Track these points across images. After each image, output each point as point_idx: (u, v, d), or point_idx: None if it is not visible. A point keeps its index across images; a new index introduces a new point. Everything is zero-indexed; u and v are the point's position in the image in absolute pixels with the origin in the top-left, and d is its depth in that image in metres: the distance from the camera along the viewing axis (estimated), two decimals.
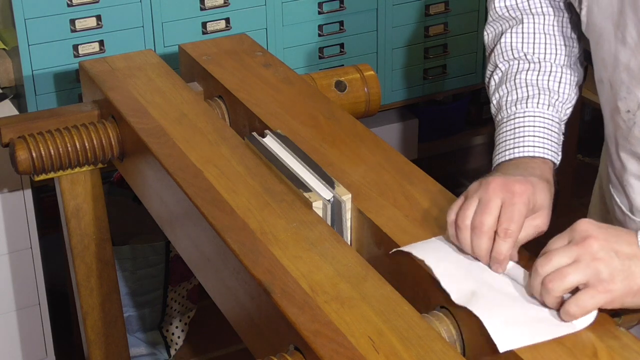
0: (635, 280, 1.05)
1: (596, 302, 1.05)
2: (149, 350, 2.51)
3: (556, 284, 1.05)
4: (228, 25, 2.34)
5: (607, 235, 1.07)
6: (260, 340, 1.18)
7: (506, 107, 1.30)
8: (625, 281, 1.05)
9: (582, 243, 1.06)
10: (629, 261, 1.06)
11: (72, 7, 2.17)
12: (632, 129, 1.25)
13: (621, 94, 1.24)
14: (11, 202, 2.10)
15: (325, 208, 1.30)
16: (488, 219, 1.13)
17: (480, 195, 1.15)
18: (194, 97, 1.63)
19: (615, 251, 1.06)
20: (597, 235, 1.07)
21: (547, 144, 1.26)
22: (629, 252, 1.06)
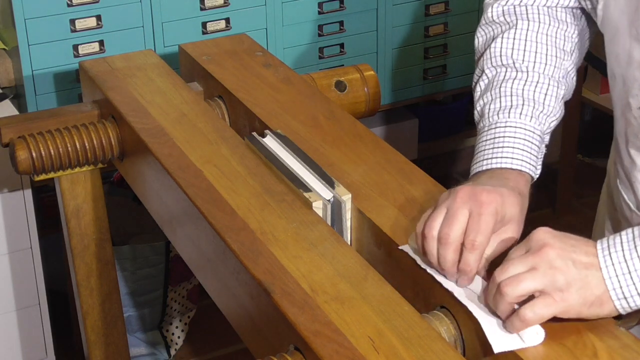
0: (592, 290, 1.05)
1: (551, 311, 1.04)
2: (149, 350, 2.51)
3: (510, 289, 1.04)
4: (228, 25, 2.34)
5: (564, 244, 1.06)
6: (260, 340, 1.18)
7: (488, 116, 1.27)
8: (581, 291, 1.04)
9: (539, 252, 1.05)
10: (585, 271, 1.05)
11: (72, 7, 2.17)
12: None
13: (633, 91, 1.22)
14: (11, 202, 2.10)
15: (325, 208, 1.30)
16: (454, 230, 1.11)
17: (448, 205, 1.13)
18: (194, 97, 1.63)
19: (573, 260, 1.05)
20: (554, 244, 1.06)
21: (525, 156, 1.23)
22: (587, 262, 1.05)
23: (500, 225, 1.13)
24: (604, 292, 1.05)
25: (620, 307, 1.06)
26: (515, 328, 1.05)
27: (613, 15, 1.22)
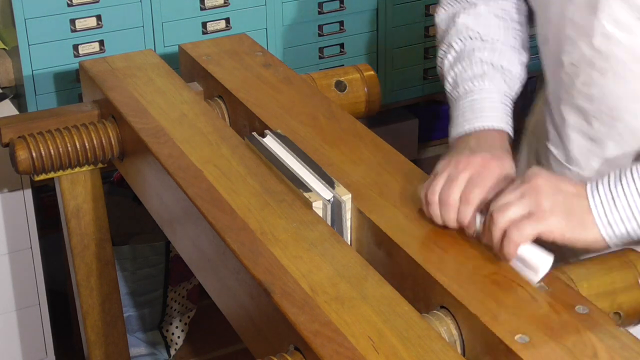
0: (576, 215, 1.12)
1: (536, 230, 1.11)
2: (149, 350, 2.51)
3: (500, 215, 1.13)
4: (228, 25, 2.34)
5: (552, 176, 1.15)
6: (260, 340, 1.18)
7: (463, 84, 1.37)
8: (565, 214, 1.12)
9: (529, 182, 1.14)
10: (572, 198, 1.13)
11: (72, 7, 2.17)
12: (575, 81, 1.31)
13: (566, 48, 1.31)
14: (11, 202, 2.10)
15: (325, 208, 1.30)
16: (454, 192, 1.20)
17: (449, 172, 1.22)
18: (194, 97, 1.63)
19: (559, 188, 1.13)
20: (543, 175, 1.15)
21: (503, 117, 1.33)
22: (573, 191, 1.14)
23: (504, 184, 1.21)
24: (589, 217, 1.12)
25: (605, 234, 1.13)
26: (507, 252, 1.13)
27: None
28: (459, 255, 1.19)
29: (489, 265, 1.17)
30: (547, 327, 1.06)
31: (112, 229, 1.77)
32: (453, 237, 1.23)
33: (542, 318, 1.08)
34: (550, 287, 1.13)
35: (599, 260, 1.22)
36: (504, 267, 1.16)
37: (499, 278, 1.15)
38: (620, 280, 1.19)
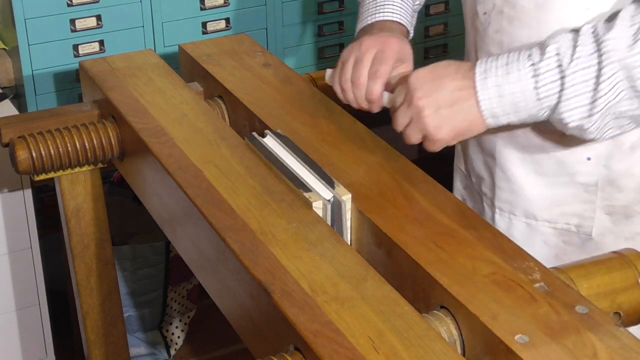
0: (461, 122, 1.25)
1: (435, 148, 1.28)
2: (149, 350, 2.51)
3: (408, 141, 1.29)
4: (228, 25, 2.34)
5: (432, 88, 1.25)
6: (260, 340, 1.18)
7: None
8: (450, 127, 1.25)
9: (411, 103, 1.26)
10: (452, 107, 1.24)
11: (72, 7, 2.17)
12: (487, 29, 1.41)
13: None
14: (11, 202, 2.10)
15: (325, 208, 1.30)
16: (363, 72, 1.32)
17: (356, 55, 1.34)
18: (194, 97, 1.63)
19: (440, 102, 1.24)
20: (424, 90, 1.25)
21: (402, 12, 1.47)
22: (454, 98, 1.24)
23: (399, 63, 1.35)
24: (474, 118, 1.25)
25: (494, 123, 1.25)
26: None
27: None
28: (459, 255, 1.19)
29: (489, 265, 1.17)
30: (547, 327, 1.06)
31: (112, 229, 1.77)
32: (453, 237, 1.23)
33: (542, 318, 1.08)
34: (550, 287, 1.13)
35: (599, 260, 1.23)
36: (504, 267, 1.17)
37: (499, 278, 1.15)
38: (620, 280, 1.19)
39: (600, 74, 1.17)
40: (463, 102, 1.25)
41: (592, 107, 1.19)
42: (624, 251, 1.23)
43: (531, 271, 1.16)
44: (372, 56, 1.34)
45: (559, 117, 1.21)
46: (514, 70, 1.22)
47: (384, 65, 1.33)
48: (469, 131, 1.27)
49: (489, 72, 1.23)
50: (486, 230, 1.25)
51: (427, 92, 1.25)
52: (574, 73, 1.19)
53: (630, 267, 1.20)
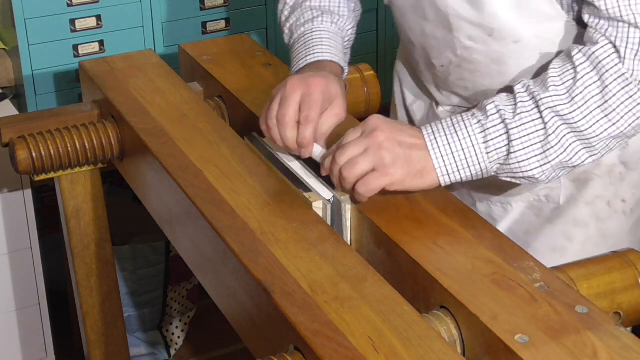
0: (415, 165, 1.25)
1: (380, 184, 1.24)
2: (149, 350, 2.51)
3: (348, 172, 1.24)
4: (228, 25, 2.34)
5: (393, 129, 1.26)
6: (260, 340, 1.18)
7: (297, 30, 1.50)
8: (405, 166, 1.24)
9: (371, 135, 1.25)
10: (409, 150, 1.25)
11: (72, 7, 2.17)
12: (449, 78, 1.46)
13: (433, 54, 1.45)
14: (11, 202, 2.10)
15: (325, 208, 1.30)
16: (289, 111, 1.31)
17: (282, 94, 1.34)
18: (194, 97, 1.63)
19: (399, 142, 1.25)
20: (384, 128, 1.25)
21: (332, 50, 1.46)
22: (411, 143, 1.25)
23: (328, 104, 1.34)
24: (427, 166, 1.25)
25: (443, 181, 1.27)
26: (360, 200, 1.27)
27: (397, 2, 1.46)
28: (459, 255, 1.19)
29: (489, 265, 1.17)
30: (547, 327, 1.06)
31: (112, 229, 1.77)
32: (453, 237, 1.23)
33: (542, 318, 1.08)
34: (550, 287, 1.13)
35: (599, 260, 1.23)
36: (504, 267, 1.17)
37: (499, 278, 1.15)
38: (620, 280, 1.20)
39: (546, 127, 1.24)
40: (419, 150, 1.26)
41: (543, 159, 1.25)
42: (623, 251, 1.23)
43: (531, 271, 1.16)
44: (298, 96, 1.32)
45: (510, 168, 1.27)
46: (461, 129, 1.26)
47: (314, 110, 1.31)
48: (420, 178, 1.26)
49: (437, 133, 1.26)
50: (486, 230, 1.25)
51: (388, 130, 1.26)
52: (520, 126, 1.24)
53: (630, 267, 1.20)
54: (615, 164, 1.45)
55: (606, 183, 1.46)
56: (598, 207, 1.47)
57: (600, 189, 1.46)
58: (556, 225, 1.48)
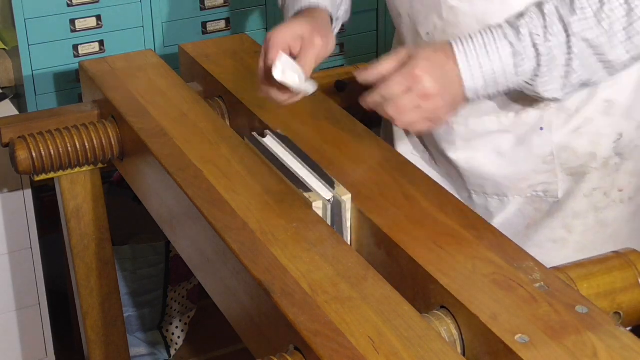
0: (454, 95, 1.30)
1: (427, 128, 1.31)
2: (149, 350, 2.51)
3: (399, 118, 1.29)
4: (228, 25, 2.34)
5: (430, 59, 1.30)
6: (260, 340, 1.18)
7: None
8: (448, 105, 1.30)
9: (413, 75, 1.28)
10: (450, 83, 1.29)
11: (72, 7, 2.17)
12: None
13: (419, 20, 1.46)
14: (11, 202, 2.10)
15: (325, 208, 1.30)
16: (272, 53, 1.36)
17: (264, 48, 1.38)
18: (194, 97, 1.63)
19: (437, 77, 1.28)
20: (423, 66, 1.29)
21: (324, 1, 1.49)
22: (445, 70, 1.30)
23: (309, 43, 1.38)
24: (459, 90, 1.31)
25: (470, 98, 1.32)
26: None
27: None
28: (459, 255, 1.19)
29: (489, 265, 1.17)
30: (547, 327, 1.06)
31: (112, 229, 1.77)
32: (453, 237, 1.23)
33: (542, 318, 1.08)
34: (550, 287, 1.13)
35: (599, 260, 1.23)
36: (504, 267, 1.17)
37: (499, 278, 1.15)
38: (620, 280, 1.20)
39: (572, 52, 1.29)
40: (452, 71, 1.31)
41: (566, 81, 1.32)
42: (624, 251, 1.23)
43: (531, 271, 1.16)
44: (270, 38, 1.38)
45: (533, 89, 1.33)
46: (493, 51, 1.30)
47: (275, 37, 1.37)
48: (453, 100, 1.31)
49: (469, 53, 1.30)
50: (486, 230, 1.25)
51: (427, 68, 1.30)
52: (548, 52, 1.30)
53: (630, 267, 1.20)
54: (610, 156, 1.46)
55: (603, 175, 1.47)
56: (596, 198, 1.48)
57: (597, 181, 1.47)
58: (556, 219, 1.49)
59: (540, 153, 1.46)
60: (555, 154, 1.45)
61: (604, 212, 1.49)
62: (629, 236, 1.52)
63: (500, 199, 1.52)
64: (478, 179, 1.51)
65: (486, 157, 1.49)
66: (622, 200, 1.50)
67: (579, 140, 1.45)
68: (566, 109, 1.43)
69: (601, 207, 1.49)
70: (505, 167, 1.48)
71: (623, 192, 1.49)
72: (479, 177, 1.51)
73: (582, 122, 1.44)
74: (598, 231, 1.49)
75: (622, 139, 1.45)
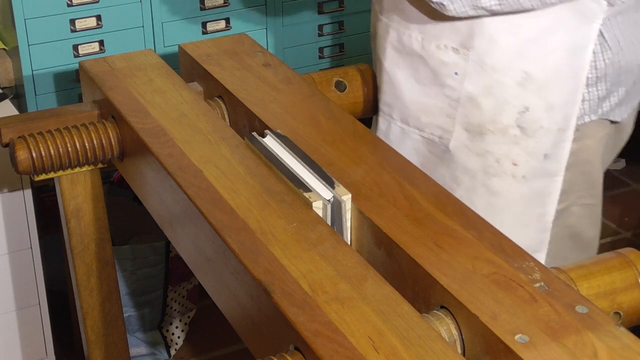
0: None
1: None
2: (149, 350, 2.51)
3: None
4: (228, 25, 2.34)
5: None
6: (260, 340, 1.18)
7: None
8: None
9: None
10: None
11: (72, 7, 2.17)
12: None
13: None
14: (11, 202, 2.10)
15: (325, 208, 1.30)
16: None
17: None
18: (194, 97, 1.63)
19: None
20: None
21: None
22: None
23: None
24: None
25: None
26: None
27: None
28: (459, 255, 1.19)
29: (489, 265, 1.17)
30: (547, 327, 1.06)
31: (112, 229, 1.77)
32: (453, 237, 1.23)
33: (542, 318, 1.08)
34: (550, 287, 1.13)
35: (599, 260, 1.23)
36: (504, 267, 1.17)
37: (499, 278, 1.15)
38: (620, 280, 1.20)
39: None
40: None
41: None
42: (624, 251, 1.23)
43: (531, 271, 1.16)
44: None
45: None
46: None
47: None
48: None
49: None
50: (486, 230, 1.25)
51: None
52: None
53: (630, 267, 1.20)
54: (511, 125, 1.48)
55: (498, 141, 1.50)
56: (487, 161, 1.52)
57: (492, 145, 1.50)
58: (447, 168, 1.54)
59: (449, 95, 1.51)
60: (461, 103, 1.50)
61: (492, 179, 1.52)
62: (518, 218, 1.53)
63: (402, 127, 1.59)
64: (391, 96, 1.59)
65: (406, 79, 1.56)
66: (514, 175, 1.51)
67: (487, 99, 1.49)
68: (482, 63, 1.47)
69: (491, 173, 1.52)
70: (417, 92, 1.54)
71: (517, 167, 1.50)
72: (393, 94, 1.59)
73: (495, 83, 1.47)
74: (483, 194, 1.53)
75: (527, 112, 1.47)
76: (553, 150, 1.50)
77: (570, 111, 1.48)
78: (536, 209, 1.54)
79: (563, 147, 1.50)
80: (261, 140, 1.44)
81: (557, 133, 1.49)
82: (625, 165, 3.47)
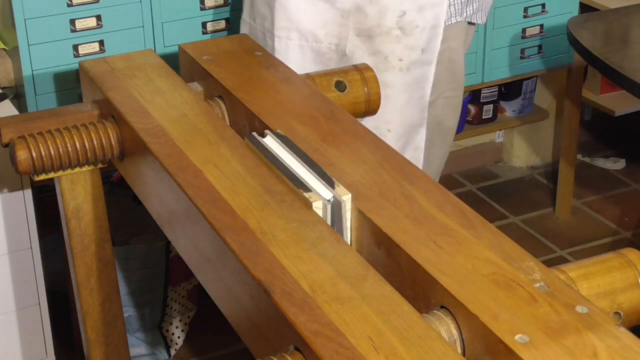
0: None
1: None
2: (149, 350, 2.51)
3: None
4: (228, 25, 2.34)
5: None
6: (260, 340, 1.18)
7: None
8: None
9: None
10: None
11: (72, 7, 2.17)
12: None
13: None
14: (11, 202, 2.10)
15: (325, 208, 1.30)
16: None
17: None
18: (194, 97, 1.63)
19: None
20: None
21: None
22: None
23: None
24: None
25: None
26: None
27: None
28: (459, 255, 1.19)
29: (489, 265, 1.17)
30: (547, 327, 1.06)
31: (112, 229, 1.77)
32: (453, 237, 1.23)
33: (542, 318, 1.08)
34: (550, 287, 1.13)
35: (599, 260, 1.23)
36: (503, 267, 1.17)
37: (499, 278, 1.15)
38: (620, 280, 1.20)
39: None
40: None
41: None
42: (624, 251, 1.23)
43: (531, 271, 1.16)
44: None
45: None
46: None
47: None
48: None
49: None
50: (486, 230, 1.25)
51: None
52: None
53: (630, 267, 1.20)
54: (392, 27, 1.83)
55: (385, 42, 1.84)
56: (378, 59, 1.86)
57: (380, 45, 1.84)
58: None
59: (340, 7, 1.84)
60: (351, 13, 1.83)
61: (384, 74, 1.85)
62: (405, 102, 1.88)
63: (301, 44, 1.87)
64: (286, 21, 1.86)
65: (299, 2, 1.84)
66: (400, 68, 1.86)
67: (371, 7, 1.83)
68: None
69: (382, 70, 1.84)
70: (311, 12, 1.84)
71: (402, 62, 1.86)
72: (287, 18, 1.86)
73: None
74: None
75: (405, 16, 1.82)
76: (428, 45, 1.87)
77: (438, 10, 1.85)
78: (418, 92, 1.90)
79: (436, 41, 1.87)
80: (261, 140, 1.44)
81: (430, 30, 1.86)
82: (625, 165, 3.47)
